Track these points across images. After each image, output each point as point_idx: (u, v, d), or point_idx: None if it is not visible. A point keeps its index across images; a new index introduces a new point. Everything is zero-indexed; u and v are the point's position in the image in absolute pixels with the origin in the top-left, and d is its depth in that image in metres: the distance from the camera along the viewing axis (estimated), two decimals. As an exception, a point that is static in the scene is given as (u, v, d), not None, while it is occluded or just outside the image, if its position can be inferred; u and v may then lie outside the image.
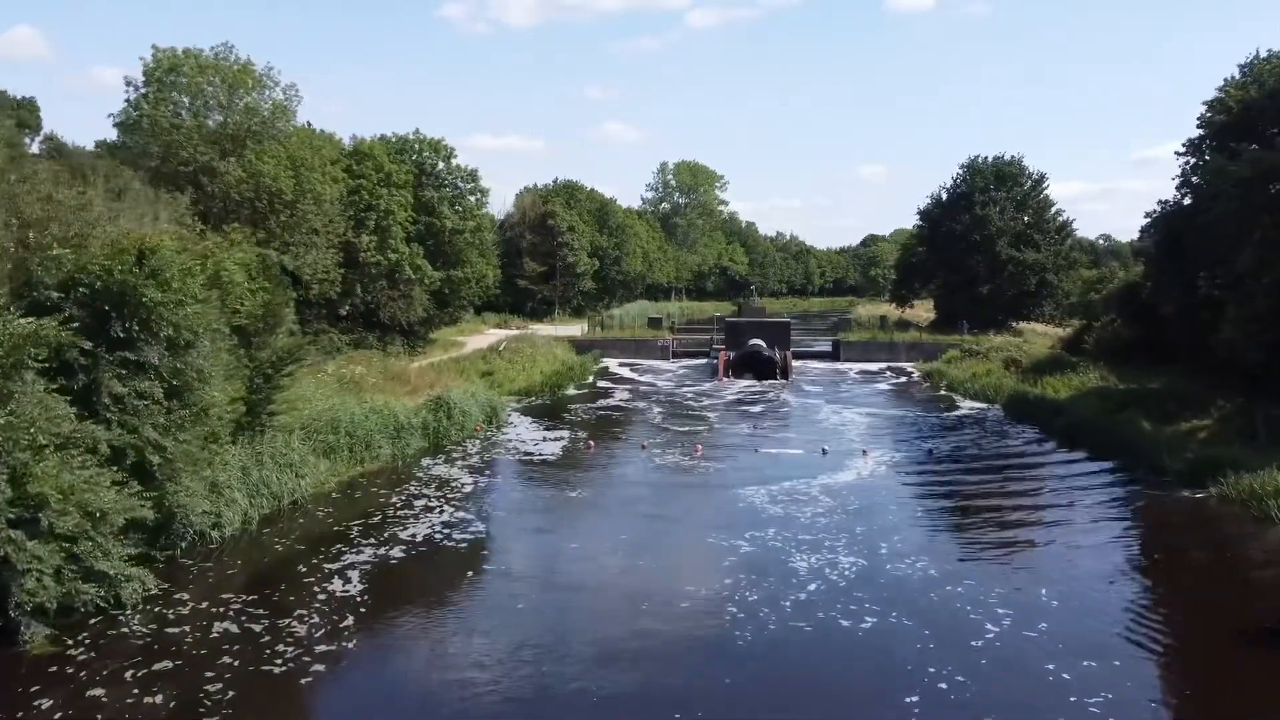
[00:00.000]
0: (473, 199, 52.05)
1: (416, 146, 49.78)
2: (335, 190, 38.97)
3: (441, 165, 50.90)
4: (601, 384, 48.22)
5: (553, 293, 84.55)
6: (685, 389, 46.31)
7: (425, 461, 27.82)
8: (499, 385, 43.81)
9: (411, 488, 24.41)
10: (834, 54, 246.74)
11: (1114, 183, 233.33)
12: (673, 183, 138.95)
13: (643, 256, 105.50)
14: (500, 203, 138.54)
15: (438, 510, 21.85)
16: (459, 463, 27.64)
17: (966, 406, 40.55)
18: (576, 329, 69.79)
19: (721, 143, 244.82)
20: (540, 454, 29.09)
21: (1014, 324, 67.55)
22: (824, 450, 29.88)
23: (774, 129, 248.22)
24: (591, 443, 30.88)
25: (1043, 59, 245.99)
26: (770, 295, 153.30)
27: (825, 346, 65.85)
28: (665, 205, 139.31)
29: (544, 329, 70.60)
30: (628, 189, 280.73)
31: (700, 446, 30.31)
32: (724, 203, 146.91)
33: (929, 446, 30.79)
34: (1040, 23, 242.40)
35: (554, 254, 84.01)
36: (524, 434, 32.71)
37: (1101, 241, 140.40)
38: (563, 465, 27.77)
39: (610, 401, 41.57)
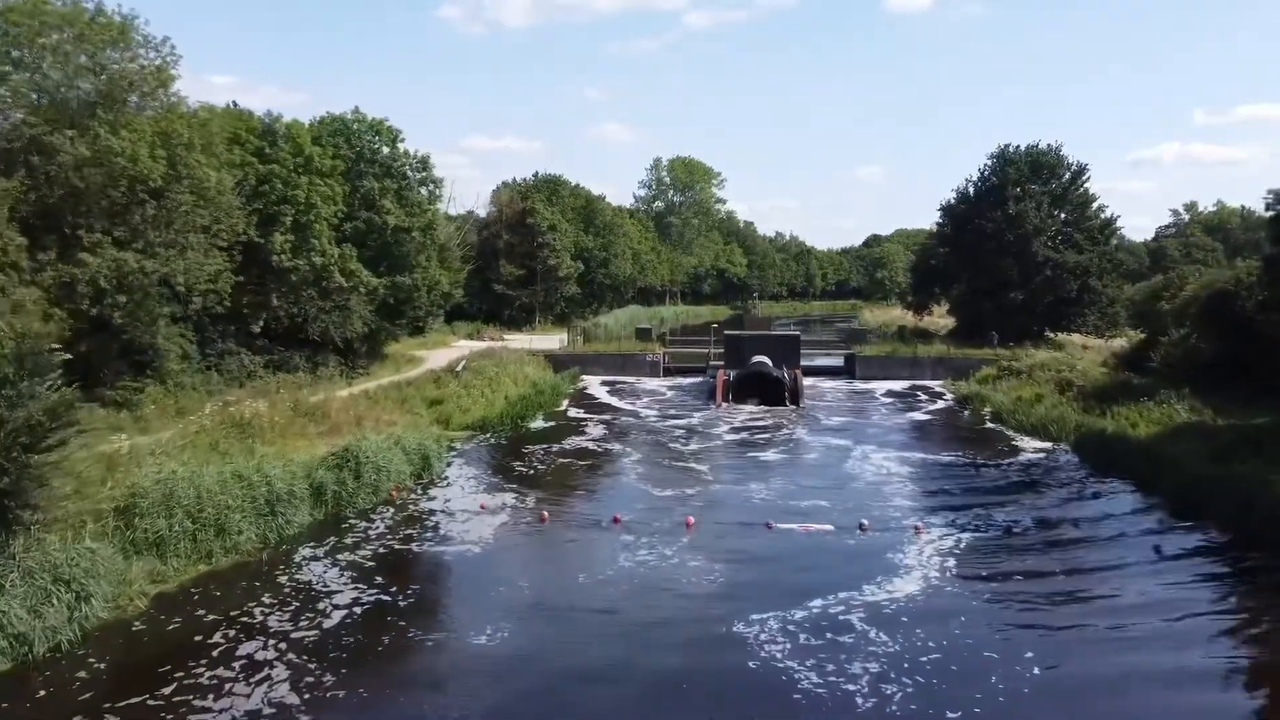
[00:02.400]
0: (424, 191, 43.83)
1: (354, 128, 41.59)
2: (230, 177, 30.83)
3: (386, 150, 42.73)
4: (575, 413, 40.04)
5: (532, 298, 76.36)
6: (676, 420, 38.13)
7: (305, 550, 19.72)
8: (448, 418, 35.79)
9: (259, 609, 16.28)
10: (831, 55, 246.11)
11: (1110, 183, 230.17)
12: (667, 180, 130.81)
13: (633, 258, 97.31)
14: (474, 199, 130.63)
15: (265, 673, 13.65)
16: (348, 554, 19.51)
17: (1028, 448, 32.40)
18: (558, 339, 61.67)
19: (720, 143, 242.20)
20: (466, 537, 20.86)
21: (1052, 335, 59.53)
22: (861, 526, 21.83)
23: (771, 130, 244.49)
24: (545, 514, 22.76)
25: (1039, 60, 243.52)
26: (770, 298, 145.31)
27: (837, 361, 57.72)
28: (659, 204, 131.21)
29: (522, 340, 62.51)
30: (626, 190, 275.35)
31: (692, 520, 22.21)
32: (721, 201, 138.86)
33: (1004, 520, 22.65)
34: (1037, 23, 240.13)
35: (534, 255, 75.83)
36: (457, 498, 24.53)
37: (1114, 241, 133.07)
38: (493, 560, 19.57)
39: (582, 440, 33.40)
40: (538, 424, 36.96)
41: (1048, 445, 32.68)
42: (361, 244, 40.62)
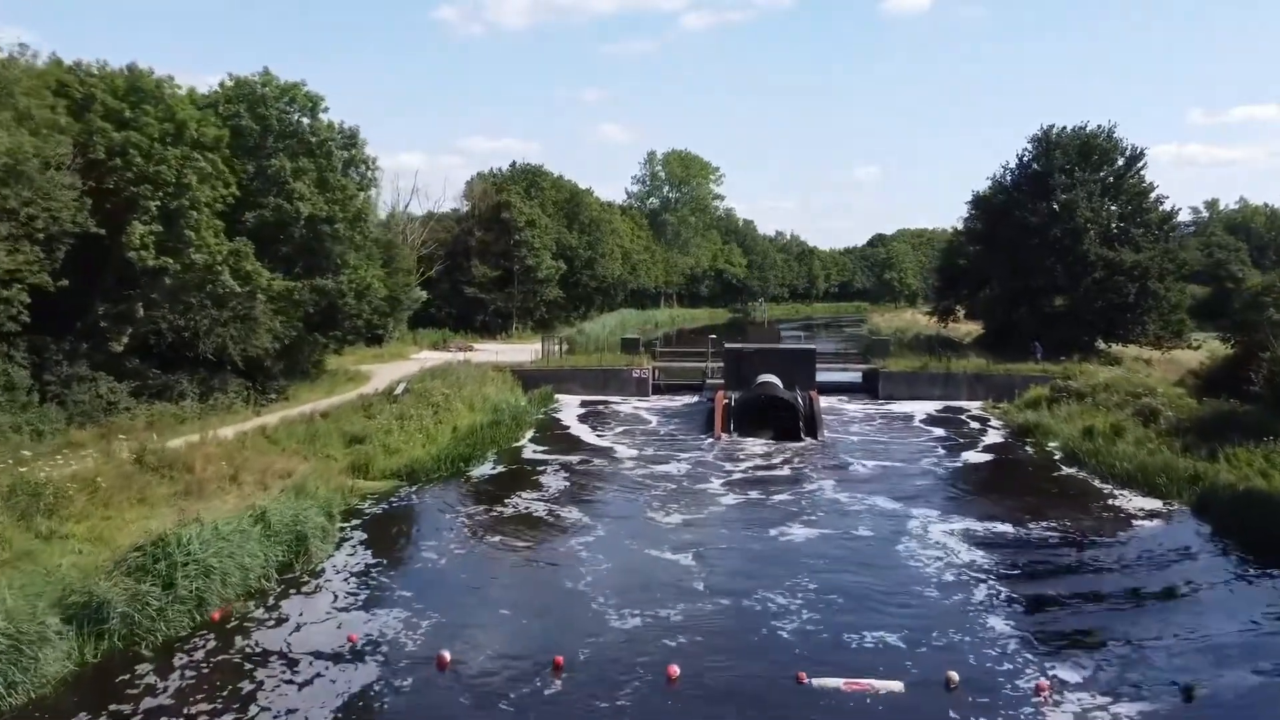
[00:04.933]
0: (353, 175, 35.57)
1: (263, 93, 33.27)
2: (60, 143, 22.63)
3: (306, 122, 34.48)
4: (535, 451, 31.68)
5: (509, 303, 68.14)
6: (662, 465, 29.71)
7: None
8: (367, 463, 27.55)
9: None
10: (829, 56, 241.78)
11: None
12: (662, 174, 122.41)
13: (623, 258, 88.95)
14: (442, 190, 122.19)
15: None
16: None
17: (1133, 509, 24.19)
18: (534, 349, 53.36)
19: (718, 144, 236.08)
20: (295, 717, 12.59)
21: (1105, 346, 51.38)
22: (948, 683, 13.60)
23: (769, 130, 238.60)
24: (445, 655, 14.46)
25: (1037, 61, 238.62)
26: (770, 300, 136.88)
27: (855, 376, 49.50)
28: (653, 200, 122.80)
29: (493, 350, 54.26)
30: (624, 190, 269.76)
31: (676, 671, 13.97)
32: (719, 197, 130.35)
33: (1172, 666, 14.36)
34: (1035, 25, 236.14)
35: (510, 254, 67.65)
36: (320, 618, 16.16)
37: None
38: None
39: (533, 500, 25.06)
40: (484, 469, 28.72)
41: (1156, 505, 24.48)
42: (271, 238, 32.44)
